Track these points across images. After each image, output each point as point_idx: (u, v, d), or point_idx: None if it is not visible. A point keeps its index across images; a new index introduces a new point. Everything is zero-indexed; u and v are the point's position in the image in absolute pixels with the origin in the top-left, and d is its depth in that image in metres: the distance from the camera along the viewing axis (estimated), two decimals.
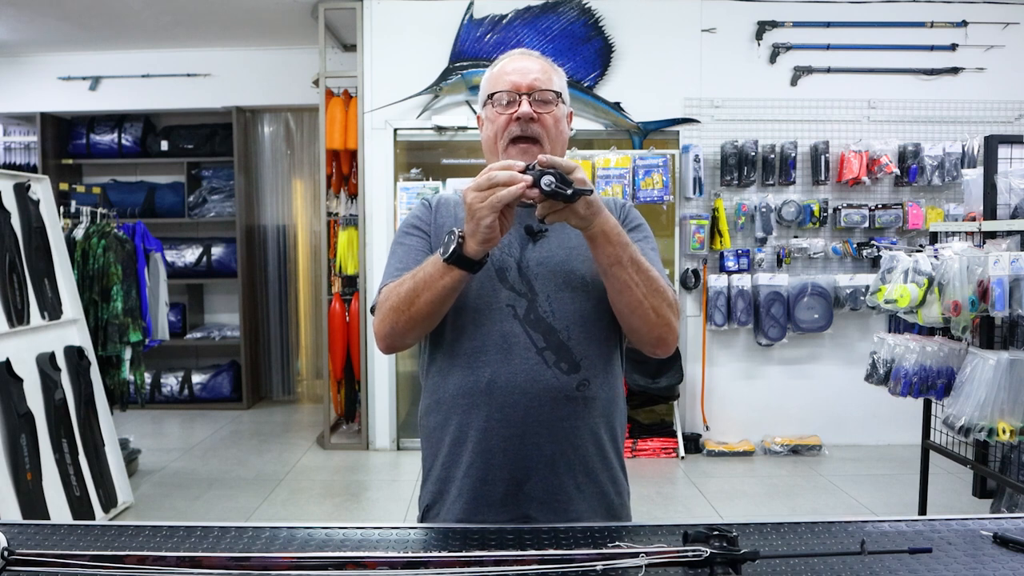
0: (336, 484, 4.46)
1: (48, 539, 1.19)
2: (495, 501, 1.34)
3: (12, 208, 3.50)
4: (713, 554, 1.00)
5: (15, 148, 6.48)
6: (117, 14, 5.28)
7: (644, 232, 1.46)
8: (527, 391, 1.32)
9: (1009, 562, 1.09)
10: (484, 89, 1.44)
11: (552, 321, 1.34)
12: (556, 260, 1.37)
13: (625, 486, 1.46)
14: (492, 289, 1.36)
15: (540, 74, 1.40)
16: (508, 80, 1.39)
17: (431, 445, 1.43)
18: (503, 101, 1.38)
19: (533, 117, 1.36)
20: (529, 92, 1.37)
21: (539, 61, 1.43)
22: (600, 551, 1.01)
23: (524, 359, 1.33)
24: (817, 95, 5.00)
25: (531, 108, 1.37)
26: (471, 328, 1.35)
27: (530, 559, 1.00)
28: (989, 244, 2.93)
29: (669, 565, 1.01)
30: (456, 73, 4.88)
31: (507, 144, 1.38)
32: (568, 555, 1.01)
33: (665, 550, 1.00)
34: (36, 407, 3.33)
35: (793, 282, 4.89)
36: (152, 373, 6.09)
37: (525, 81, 1.38)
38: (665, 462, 4.79)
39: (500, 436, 1.34)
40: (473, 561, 1.00)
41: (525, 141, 1.37)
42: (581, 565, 1.00)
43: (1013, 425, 2.65)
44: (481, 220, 1.18)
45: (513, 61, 1.43)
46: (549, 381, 1.33)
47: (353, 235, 5.09)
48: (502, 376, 1.33)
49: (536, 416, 1.33)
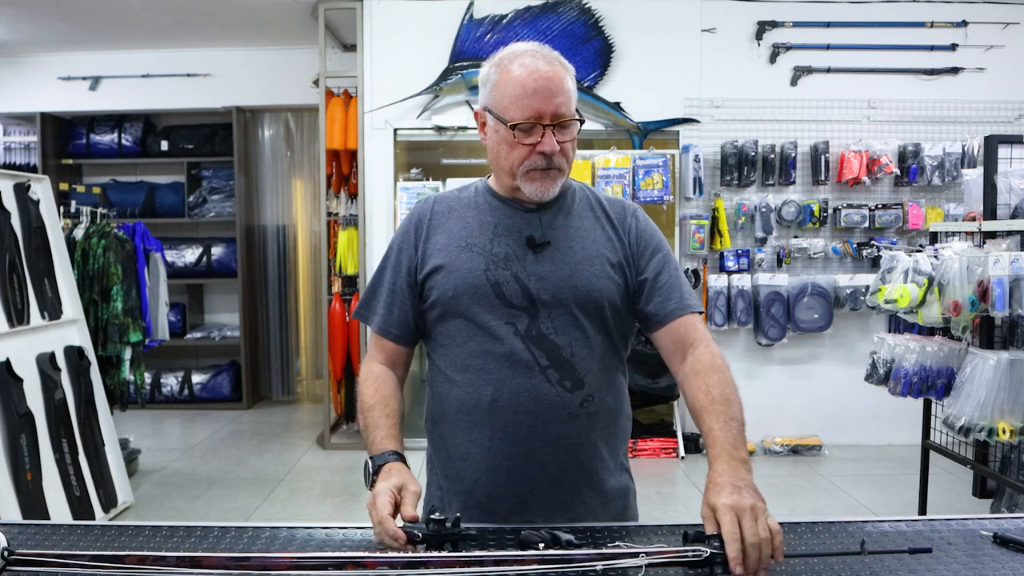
0: (336, 484, 4.46)
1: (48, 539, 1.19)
2: (499, 519, 1.32)
3: (12, 208, 3.50)
4: (713, 554, 1.00)
5: (15, 148, 6.48)
6: (117, 14, 5.28)
7: (664, 250, 1.41)
8: (530, 411, 1.31)
9: (1009, 562, 1.09)
10: (494, 94, 1.32)
11: (555, 338, 1.32)
12: (560, 275, 1.33)
13: (631, 487, 1.45)
14: (490, 305, 1.32)
15: (563, 95, 1.28)
16: (530, 105, 1.27)
17: (436, 451, 1.44)
18: (525, 129, 1.28)
19: (558, 151, 1.30)
20: (553, 121, 1.28)
21: (555, 67, 1.30)
22: (600, 551, 1.01)
23: (527, 378, 1.31)
24: (817, 95, 5.00)
25: (555, 141, 1.28)
26: (472, 344, 1.34)
27: (530, 559, 1.00)
28: (989, 244, 2.93)
29: (669, 565, 1.01)
30: (456, 73, 4.88)
31: (527, 171, 1.31)
32: (568, 555, 1.01)
33: (665, 550, 1.00)
34: (36, 407, 3.33)
35: (793, 282, 4.89)
36: (152, 373, 6.08)
37: (549, 109, 1.27)
38: (665, 462, 4.79)
39: (504, 455, 1.32)
40: (473, 561, 1.00)
41: (547, 169, 1.31)
42: (581, 565, 1.00)
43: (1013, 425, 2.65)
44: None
45: (527, 66, 1.29)
46: (553, 400, 1.31)
47: (353, 235, 5.09)
48: (504, 395, 1.31)
49: (540, 435, 1.31)
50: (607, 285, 1.35)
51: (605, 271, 1.36)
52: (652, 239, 1.41)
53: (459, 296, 1.33)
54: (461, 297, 1.33)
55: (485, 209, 1.40)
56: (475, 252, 1.35)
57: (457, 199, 1.44)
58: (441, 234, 1.39)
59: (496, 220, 1.38)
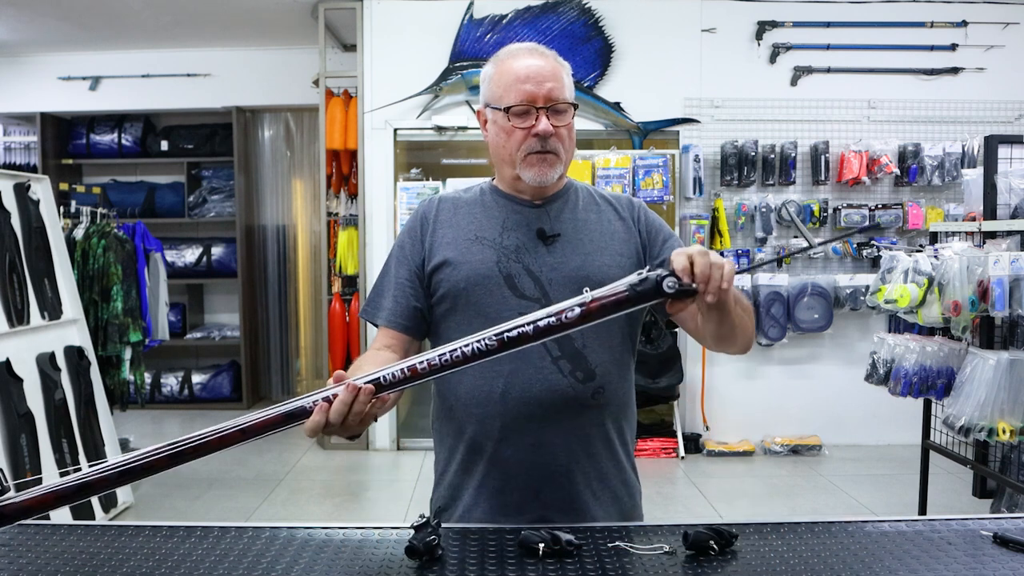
0: (336, 484, 4.46)
1: (48, 539, 1.19)
2: (511, 509, 1.33)
3: (12, 208, 3.50)
4: (659, 276, 1.07)
5: (15, 148, 6.48)
6: (117, 14, 5.28)
7: (675, 236, 1.45)
8: (542, 401, 1.31)
9: (1009, 562, 1.09)
10: (491, 87, 1.37)
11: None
12: (572, 266, 1.34)
13: (637, 486, 1.45)
14: (502, 297, 1.33)
15: (555, 81, 1.33)
16: (523, 90, 1.31)
17: (444, 449, 1.42)
18: (519, 112, 1.32)
19: (551, 133, 1.32)
20: (546, 104, 1.32)
21: (549, 60, 1.36)
22: (549, 309, 1.09)
23: (539, 368, 1.31)
24: (817, 95, 5.00)
25: (550, 123, 1.31)
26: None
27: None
28: (989, 244, 2.93)
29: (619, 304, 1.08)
30: (456, 73, 4.88)
31: (525, 156, 1.34)
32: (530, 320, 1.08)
33: (610, 290, 1.08)
34: (36, 407, 3.33)
35: (793, 282, 4.89)
36: (152, 373, 6.08)
37: (541, 92, 1.31)
38: (665, 462, 4.79)
39: (515, 446, 1.32)
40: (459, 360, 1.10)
41: (543, 153, 1.34)
42: (534, 325, 1.08)
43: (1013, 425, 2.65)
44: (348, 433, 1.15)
45: (522, 59, 1.35)
46: (565, 391, 1.31)
47: (353, 235, 5.09)
48: (516, 386, 1.31)
49: (552, 426, 1.32)
50: (619, 275, 1.34)
51: (616, 260, 1.37)
52: (662, 227, 1.45)
53: (471, 288, 1.34)
54: (473, 289, 1.34)
55: (492, 205, 1.41)
56: (485, 245, 1.36)
57: (462, 197, 1.45)
58: (449, 228, 1.40)
59: (504, 215, 1.39)
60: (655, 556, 1.10)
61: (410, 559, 1.08)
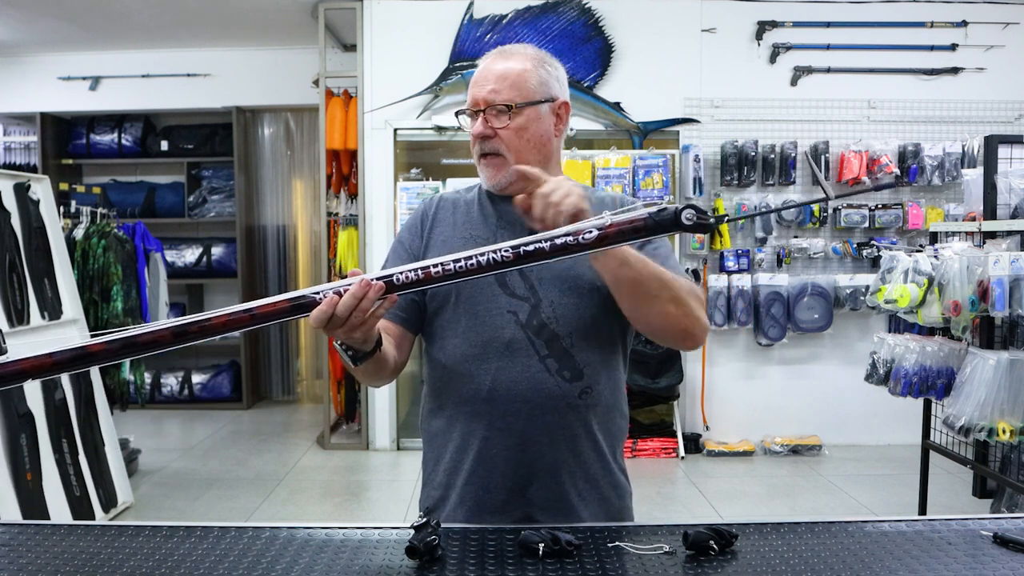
0: (336, 484, 4.46)
1: (48, 539, 1.19)
2: (496, 508, 1.33)
3: (12, 208, 3.50)
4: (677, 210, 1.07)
5: (15, 148, 6.48)
6: (117, 14, 5.28)
7: (660, 241, 1.40)
8: (529, 399, 1.31)
9: (1009, 562, 1.09)
10: None
11: (555, 327, 1.33)
12: (562, 265, 1.34)
13: (627, 488, 1.45)
14: (492, 294, 1.34)
15: (500, 83, 1.33)
16: (471, 93, 1.36)
17: (433, 449, 1.43)
18: (470, 116, 1.36)
19: (487, 135, 1.34)
20: (484, 107, 1.34)
21: (514, 61, 1.36)
22: (564, 229, 1.10)
23: (526, 367, 1.32)
24: (817, 95, 5.00)
25: (484, 127, 1.33)
26: (472, 334, 1.34)
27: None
28: (989, 244, 2.93)
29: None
30: (456, 73, 4.88)
31: (477, 159, 1.38)
32: (531, 241, 1.10)
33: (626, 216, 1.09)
34: (36, 407, 3.33)
35: (793, 282, 4.89)
36: (152, 373, 6.09)
37: (482, 94, 1.34)
38: (665, 462, 4.79)
39: (502, 444, 1.33)
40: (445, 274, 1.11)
41: (490, 155, 1.36)
42: (551, 242, 1.09)
43: (1013, 425, 2.65)
44: (350, 338, 1.16)
45: (485, 62, 1.38)
46: (551, 390, 1.32)
47: (353, 235, 5.09)
48: (503, 384, 1.32)
49: (538, 424, 1.32)
50: None
51: None
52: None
53: (462, 286, 1.34)
54: (464, 287, 1.34)
55: (487, 204, 1.44)
56: (478, 243, 1.36)
57: (462, 197, 1.47)
58: (446, 227, 1.43)
59: (498, 214, 1.41)
60: (655, 556, 1.11)
61: (410, 559, 1.08)
